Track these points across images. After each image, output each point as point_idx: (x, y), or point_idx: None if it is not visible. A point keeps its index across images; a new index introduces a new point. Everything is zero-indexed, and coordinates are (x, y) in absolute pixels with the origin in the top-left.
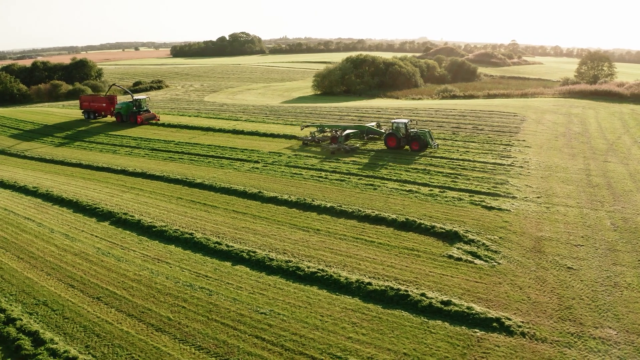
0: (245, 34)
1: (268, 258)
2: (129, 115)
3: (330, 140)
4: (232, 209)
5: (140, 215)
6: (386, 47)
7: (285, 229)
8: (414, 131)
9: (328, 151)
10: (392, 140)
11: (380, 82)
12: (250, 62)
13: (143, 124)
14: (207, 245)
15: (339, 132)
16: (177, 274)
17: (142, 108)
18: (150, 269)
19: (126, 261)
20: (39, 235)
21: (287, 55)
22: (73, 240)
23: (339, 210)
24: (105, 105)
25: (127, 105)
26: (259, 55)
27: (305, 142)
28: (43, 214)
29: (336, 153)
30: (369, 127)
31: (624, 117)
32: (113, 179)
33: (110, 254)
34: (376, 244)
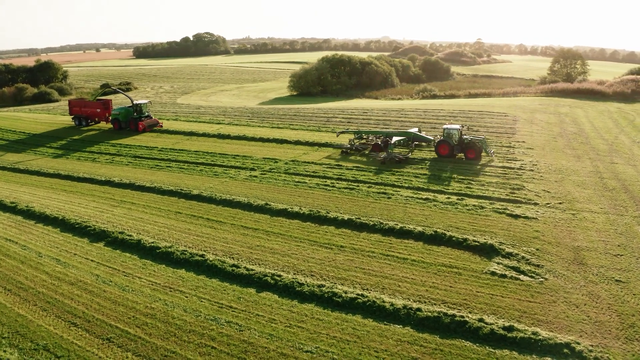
0: (209, 34)
1: (297, 282)
2: (129, 121)
3: (372, 148)
4: (240, 224)
5: (138, 234)
6: (352, 47)
7: (306, 247)
8: (468, 138)
9: (377, 161)
10: (444, 148)
11: (357, 82)
12: (217, 63)
13: (145, 131)
14: (223, 269)
15: (381, 138)
16: (195, 306)
17: (144, 114)
18: (163, 300)
19: (132, 291)
20: (25, 261)
21: (252, 55)
22: (66, 266)
23: (359, 223)
24: (100, 110)
25: (126, 110)
26: (224, 55)
27: (345, 151)
28: (26, 234)
29: (386, 163)
30: (415, 133)
31: (613, 116)
32: (98, 191)
33: (112, 282)
34: (410, 262)
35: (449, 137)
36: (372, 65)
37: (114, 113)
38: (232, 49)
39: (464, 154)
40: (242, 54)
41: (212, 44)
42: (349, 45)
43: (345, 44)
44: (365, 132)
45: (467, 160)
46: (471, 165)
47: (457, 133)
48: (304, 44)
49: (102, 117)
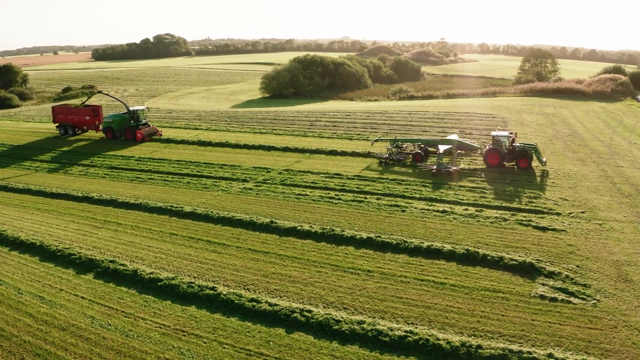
0: (170, 35)
1: (332, 319)
2: (125, 130)
3: (413, 158)
4: (247, 246)
5: (132, 263)
6: (315, 47)
7: (328, 273)
8: (520, 145)
9: (428, 172)
10: (494, 156)
11: (330, 83)
12: (180, 64)
13: (144, 141)
14: (241, 305)
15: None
16: (218, 354)
17: (141, 121)
18: (177, 349)
19: (138, 337)
20: (3, 300)
21: (214, 56)
22: (52, 305)
23: (380, 242)
24: (89, 118)
25: (120, 118)
26: (186, 57)
27: (383, 161)
28: (1, 265)
29: (437, 175)
30: (460, 140)
31: (601, 116)
32: (76, 209)
33: (111, 325)
34: (449, 287)
35: (499, 144)
36: (345, 65)
37: (107, 121)
38: (193, 51)
39: (516, 162)
40: (204, 55)
41: (172, 45)
42: (312, 45)
43: (308, 44)
44: (403, 140)
45: (520, 169)
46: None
47: (507, 140)
48: (267, 44)
49: (91, 126)
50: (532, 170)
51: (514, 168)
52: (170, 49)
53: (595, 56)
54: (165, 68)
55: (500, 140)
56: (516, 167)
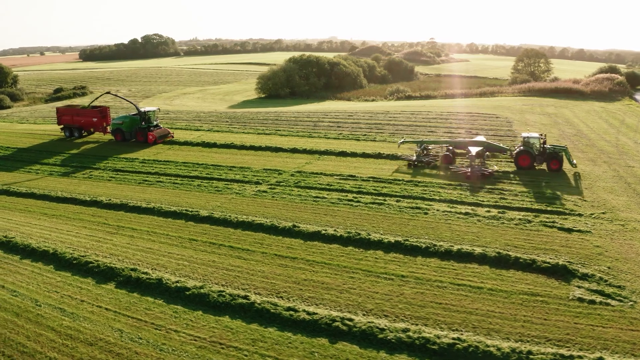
0: (158, 35)
1: (376, 327)
2: (136, 132)
3: (442, 160)
4: (272, 252)
5: (155, 271)
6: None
7: (362, 278)
8: (551, 147)
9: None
10: (525, 158)
11: (326, 83)
12: (171, 65)
13: (157, 143)
14: (278, 314)
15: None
16: None
17: (152, 123)
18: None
19: (173, 351)
20: (21, 313)
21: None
22: (75, 318)
23: (409, 246)
24: (97, 119)
25: (131, 119)
26: (174, 57)
27: (412, 164)
28: (13, 274)
29: (472, 178)
30: (489, 142)
31: (602, 115)
32: (86, 214)
33: (142, 339)
34: (486, 291)
35: (529, 146)
36: (340, 65)
37: (116, 122)
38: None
39: (547, 164)
40: (193, 55)
41: (161, 45)
42: (301, 45)
43: (297, 44)
44: (427, 141)
45: (551, 172)
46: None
47: (538, 142)
48: (255, 44)
49: (98, 127)
50: (563, 172)
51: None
52: (158, 49)
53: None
54: (156, 68)
55: (531, 141)
56: (547, 169)
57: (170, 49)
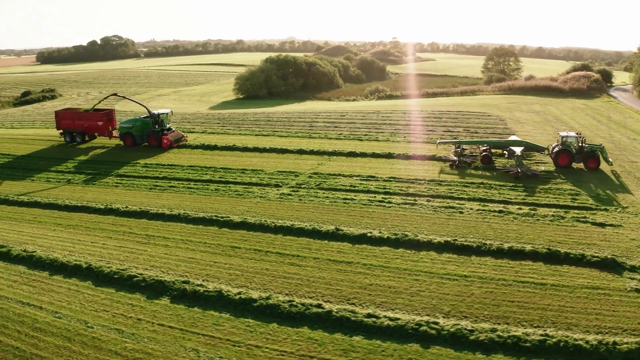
0: (117, 37)
1: (466, 330)
2: (148, 136)
3: (481, 160)
4: (325, 257)
5: (208, 282)
6: (266, 48)
7: (426, 280)
8: (588, 146)
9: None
10: (564, 157)
11: (304, 83)
12: (133, 66)
13: (172, 147)
14: (359, 322)
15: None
16: None
17: (165, 126)
18: None
19: None
20: (72, 337)
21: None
22: (137, 339)
23: (460, 246)
24: (102, 123)
25: (142, 123)
26: (135, 59)
27: (454, 164)
28: (47, 293)
29: (520, 177)
30: (527, 141)
31: (587, 112)
32: (105, 223)
33: (223, 358)
34: (550, 287)
35: (568, 145)
36: (317, 65)
37: (125, 126)
38: (141, 52)
39: (585, 163)
40: (154, 56)
41: (120, 47)
42: (263, 46)
43: (259, 45)
44: (465, 142)
45: (589, 170)
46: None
47: (576, 141)
48: (217, 45)
49: (104, 132)
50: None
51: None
52: (118, 50)
53: (542, 53)
54: (122, 70)
55: (569, 140)
56: (585, 168)
57: (130, 50)
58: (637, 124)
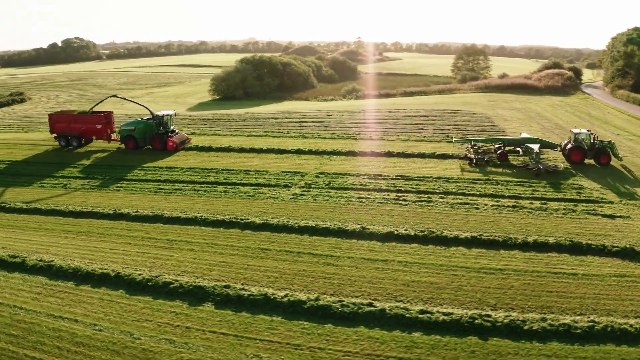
0: (79, 39)
1: (519, 320)
2: (151, 138)
3: (498, 158)
4: (360, 256)
5: (250, 286)
6: (230, 48)
7: (465, 275)
8: (599, 143)
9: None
10: (577, 153)
11: (280, 83)
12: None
13: (178, 150)
14: (414, 318)
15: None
16: None
17: (169, 128)
18: None
19: None
20: (121, 350)
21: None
22: (193, 348)
23: (487, 240)
24: (101, 126)
25: (145, 125)
26: (97, 61)
27: (473, 162)
28: (80, 305)
29: (541, 174)
30: (540, 139)
31: (567, 109)
32: (118, 228)
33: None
34: (582, 277)
35: (581, 142)
36: (292, 65)
37: (127, 129)
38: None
39: (596, 159)
40: (116, 58)
41: (82, 49)
42: (226, 47)
43: (222, 45)
44: (480, 140)
45: (601, 166)
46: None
47: (588, 137)
48: (180, 46)
49: (102, 135)
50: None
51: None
52: (80, 53)
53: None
54: (89, 72)
55: (582, 137)
56: (597, 164)
57: (92, 52)
58: (617, 120)
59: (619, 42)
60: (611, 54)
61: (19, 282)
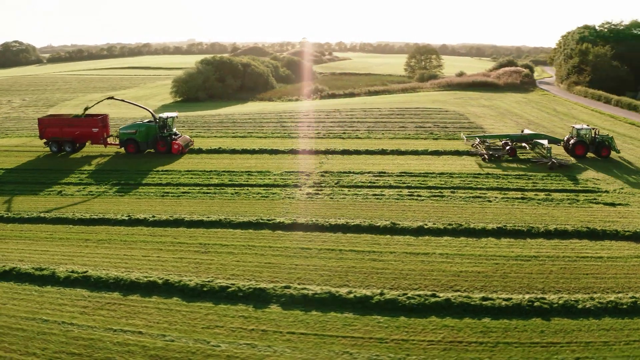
0: (18, 42)
1: (572, 301)
2: (154, 142)
3: (509, 153)
4: (401, 250)
5: (310, 286)
6: (174, 50)
7: (505, 263)
8: (599, 137)
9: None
10: (580, 148)
11: (242, 84)
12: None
13: (183, 153)
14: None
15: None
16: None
17: (172, 131)
18: None
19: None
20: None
21: (70, 63)
22: (279, 351)
23: (513, 230)
24: (98, 130)
25: (147, 128)
26: (38, 65)
27: (487, 157)
28: (137, 315)
29: (555, 168)
30: (546, 134)
31: (533, 105)
32: (140, 234)
33: (380, 356)
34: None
35: (583, 136)
36: (252, 66)
37: (127, 132)
38: (44, 58)
39: (597, 152)
40: (58, 62)
41: (21, 53)
42: (170, 48)
43: (166, 48)
44: (489, 136)
45: (602, 159)
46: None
47: (590, 132)
48: (123, 49)
49: (98, 139)
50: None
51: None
52: (19, 57)
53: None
54: (36, 76)
55: (583, 132)
56: (598, 157)
57: (31, 56)
58: (583, 115)
59: (570, 40)
60: (564, 51)
61: (57, 296)
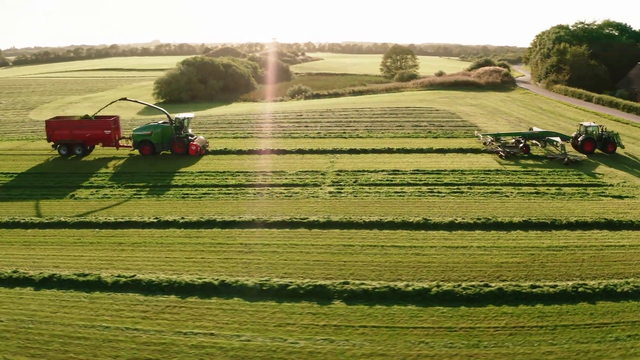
0: None
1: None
2: (170, 143)
3: (522, 150)
4: (440, 244)
5: (364, 280)
6: (142, 52)
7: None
8: (606, 133)
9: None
10: (589, 144)
11: (224, 85)
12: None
13: (201, 154)
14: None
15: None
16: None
17: (188, 132)
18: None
19: (493, 344)
20: (285, 357)
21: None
22: (359, 345)
23: (538, 223)
24: (110, 132)
25: (162, 129)
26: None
27: (504, 154)
28: (202, 317)
29: (569, 164)
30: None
31: (518, 104)
32: (174, 236)
33: (454, 345)
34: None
35: (591, 133)
36: (233, 67)
37: (142, 134)
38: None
39: (604, 148)
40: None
41: None
42: (138, 50)
43: (134, 49)
44: (503, 134)
45: (609, 154)
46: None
47: (598, 129)
48: (90, 50)
49: (110, 141)
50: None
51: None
52: None
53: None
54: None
55: (591, 129)
56: (605, 152)
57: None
58: (569, 112)
59: (546, 40)
60: (540, 50)
61: (110, 301)
